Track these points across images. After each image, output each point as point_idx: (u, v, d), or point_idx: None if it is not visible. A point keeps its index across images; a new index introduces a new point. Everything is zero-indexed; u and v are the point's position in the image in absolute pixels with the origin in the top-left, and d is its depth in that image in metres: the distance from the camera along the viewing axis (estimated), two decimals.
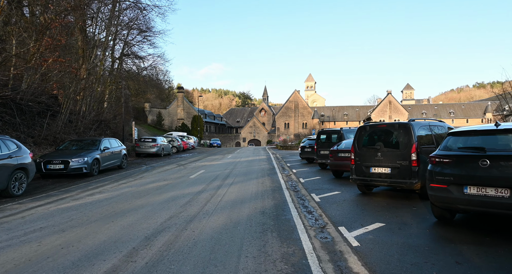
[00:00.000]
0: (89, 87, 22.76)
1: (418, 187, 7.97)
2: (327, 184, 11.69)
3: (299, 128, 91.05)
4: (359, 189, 9.77)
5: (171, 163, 20.52)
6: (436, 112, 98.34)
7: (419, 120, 8.95)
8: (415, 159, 7.97)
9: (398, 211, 7.22)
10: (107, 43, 32.27)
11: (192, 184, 11.10)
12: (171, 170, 15.96)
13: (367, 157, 8.95)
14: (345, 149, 12.93)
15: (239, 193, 9.64)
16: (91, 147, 14.16)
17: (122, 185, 10.82)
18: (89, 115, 22.33)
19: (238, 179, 12.80)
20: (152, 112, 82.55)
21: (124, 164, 16.61)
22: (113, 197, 8.68)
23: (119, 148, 16.11)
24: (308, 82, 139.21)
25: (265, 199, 8.84)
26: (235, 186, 10.99)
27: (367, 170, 8.91)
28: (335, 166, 13.12)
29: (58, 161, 12.32)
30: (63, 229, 5.81)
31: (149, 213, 6.97)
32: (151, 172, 14.88)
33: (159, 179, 12.42)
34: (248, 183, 11.65)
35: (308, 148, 20.62)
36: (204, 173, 14.37)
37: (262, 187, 10.86)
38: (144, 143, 25.98)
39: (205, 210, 7.30)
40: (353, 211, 7.39)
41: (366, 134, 9.25)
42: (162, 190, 9.80)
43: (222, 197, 8.85)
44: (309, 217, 7.04)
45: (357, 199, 8.85)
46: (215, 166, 17.96)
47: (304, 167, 17.95)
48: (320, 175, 14.23)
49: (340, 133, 16.43)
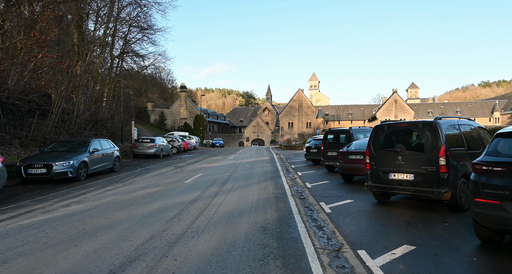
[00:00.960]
0: (84, 85, 21.66)
1: (447, 197, 6.76)
2: (337, 190, 10.49)
3: (303, 128, 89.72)
4: (375, 197, 8.56)
5: (169, 164, 19.38)
6: (443, 111, 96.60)
7: (447, 118, 7.71)
8: (444, 163, 6.75)
9: (427, 228, 6.01)
10: (105, 40, 31.27)
11: (186, 191, 9.93)
12: (166, 173, 14.81)
13: (385, 160, 7.74)
14: (356, 151, 11.73)
15: (237, 201, 8.46)
16: (79, 148, 13.04)
17: (107, 192, 9.64)
18: (83, 114, 21.22)
19: (238, 183, 11.63)
20: (154, 112, 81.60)
21: (117, 166, 15.47)
22: (91, 209, 7.49)
23: (111, 149, 14.98)
24: (312, 81, 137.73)
25: (267, 209, 7.66)
26: (234, 192, 9.81)
27: (385, 175, 7.70)
28: (345, 169, 11.91)
29: (40, 164, 11.19)
30: (5, 259, 4.56)
31: (126, 231, 5.77)
32: (144, 176, 13.73)
33: (150, 184, 11.26)
34: (249, 189, 10.47)
35: (314, 149, 19.41)
36: (202, 177, 13.20)
37: (265, 194, 9.68)
38: (142, 143, 24.86)
39: (195, 226, 6.12)
40: (373, 227, 6.19)
41: (384, 134, 8.04)
42: (150, 199, 8.63)
43: (217, 208, 7.67)
44: (320, 234, 5.86)
45: (374, 209, 7.65)
46: (215, 168, 16.80)
47: (310, 169, 16.75)
48: (328, 179, 13.04)
49: (349, 133, 15.20)
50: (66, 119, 19.87)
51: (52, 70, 17.22)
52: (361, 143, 12.26)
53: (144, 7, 35.19)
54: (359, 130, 15.67)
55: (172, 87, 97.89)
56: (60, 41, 20.54)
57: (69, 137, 19.36)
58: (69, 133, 19.72)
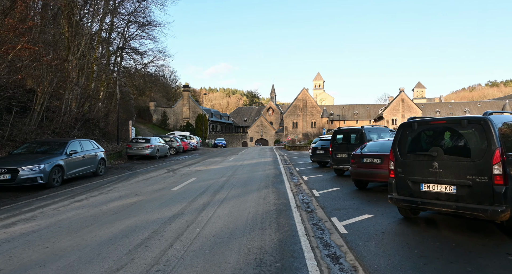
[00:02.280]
0: (72, 81, 20.14)
1: (505, 218, 5.08)
2: (350, 200, 8.83)
3: (308, 128, 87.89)
4: (401, 213, 6.88)
5: (163, 167, 17.80)
6: (451, 111, 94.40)
7: (498, 114, 6.01)
8: (499, 173, 5.07)
9: (486, 264, 4.34)
10: (101, 35, 29.78)
11: (170, 202, 8.30)
12: (156, 177, 13.21)
13: (415, 167, 6.08)
14: (372, 153, 10.06)
15: (229, 217, 6.83)
16: (54, 150, 11.47)
17: (74, 205, 7.99)
18: (70, 112, 19.69)
19: (234, 191, 10.00)
20: (157, 111, 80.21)
21: (101, 170, 13.88)
22: (36, 231, 5.76)
23: (94, 151, 13.38)
24: (316, 81, 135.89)
25: (265, 229, 6.03)
26: (227, 204, 8.18)
27: (415, 186, 6.04)
28: (358, 175, 10.23)
29: (3, 169, 9.60)
30: None
31: (60, 273, 4.10)
32: (128, 181, 12.12)
33: (130, 192, 9.64)
34: (246, 199, 8.84)
35: (321, 150, 17.73)
36: (193, 183, 11.57)
37: (264, 206, 8.05)
38: (136, 143, 23.30)
39: (165, 259, 4.48)
40: (408, 260, 4.53)
41: (413, 134, 6.37)
42: (121, 214, 7.00)
43: (202, 228, 6.04)
44: (336, 271, 4.22)
45: (403, 230, 5.98)
46: (211, 172, 15.18)
47: (317, 173, 15.10)
48: (338, 185, 11.38)
49: (361, 133, 13.51)
50: (52, 118, 18.36)
51: (34, 63, 15.68)
52: (378, 144, 10.59)
53: (143, 1, 33.81)
54: (373, 129, 13.99)
55: (175, 87, 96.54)
56: (47, 32, 19.04)
57: (55, 137, 17.85)
58: (55, 133, 18.21)
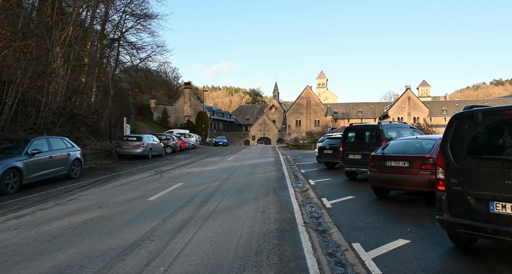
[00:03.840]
0: (53, 71, 18.27)
1: None
2: (372, 214, 6.92)
3: (311, 126, 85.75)
4: (452, 239, 4.93)
5: (152, 168, 15.91)
6: (458, 109, 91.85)
7: None
8: None
9: None
10: (92, 25, 27.90)
11: (138, 219, 6.37)
12: (137, 181, 11.30)
13: (481, 177, 4.16)
14: (396, 155, 8.10)
15: (213, 245, 4.91)
16: (12, 150, 9.59)
17: (7, 224, 5.91)
18: (51, 107, 17.81)
19: (226, 201, 8.08)
20: (158, 109, 78.45)
21: (76, 172, 11.98)
22: None
23: (67, 150, 11.48)
24: (319, 79, 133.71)
25: (262, 266, 4.13)
26: (213, 221, 6.26)
27: (481, 206, 4.13)
28: (379, 181, 8.27)
29: None
30: None
31: None
32: (102, 187, 10.19)
33: (95, 203, 7.71)
34: (240, 213, 6.92)
35: (329, 150, 15.78)
36: (178, 190, 9.63)
37: (262, 223, 6.14)
38: (127, 142, 21.42)
39: None
40: None
41: (476, 129, 4.42)
42: (59, 240, 5.03)
43: (169, 266, 4.11)
44: None
45: (465, 269, 4.04)
46: (204, 174, 13.27)
47: (325, 175, 13.17)
48: (353, 192, 9.45)
49: (378, 130, 11.52)
50: (30, 113, 16.49)
51: (4, 50, 13.81)
52: (401, 144, 8.65)
53: None
54: (391, 126, 12.02)
55: (177, 85, 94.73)
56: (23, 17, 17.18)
57: (33, 134, 15.99)
58: (33, 130, 16.36)
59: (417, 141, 8.41)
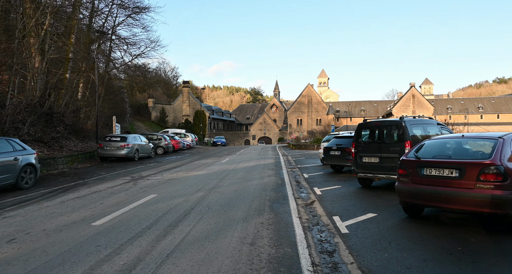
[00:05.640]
0: (18, 63, 16.07)
1: None
2: (413, 249, 4.70)
3: (313, 125, 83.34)
4: None
5: (130, 173, 13.71)
6: (463, 106, 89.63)
7: None
8: None
9: None
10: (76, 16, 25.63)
11: (48, 269, 4.16)
12: (101, 192, 9.07)
13: None
14: (439, 159, 5.83)
15: None
16: None
17: None
18: (19, 104, 15.60)
19: (202, 225, 5.85)
20: (156, 108, 76.29)
21: (28, 180, 9.74)
22: None
23: (14, 154, 9.24)
24: (321, 78, 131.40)
25: None
26: (174, 267, 4.04)
27: None
28: (414, 196, 5.98)
29: None
30: None
31: None
32: (48, 202, 7.93)
33: (10, 232, 5.33)
34: (217, 248, 4.70)
35: (336, 151, 13.54)
36: (144, 206, 7.37)
37: (246, 269, 3.92)
38: (109, 142, 19.26)
39: None
40: None
41: None
42: None
43: None
44: None
45: None
46: (187, 182, 11.05)
47: (332, 182, 10.93)
48: (373, 207, 7.22)
49: (400, 126, 9.19)
50: None
51: None
52: (445, 144, 6.37)
53: None
54: (416, 122, 9.71)
55: (176, 84, 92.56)
56: None
57: None
58: None
59: (465, 141, 6.15)
